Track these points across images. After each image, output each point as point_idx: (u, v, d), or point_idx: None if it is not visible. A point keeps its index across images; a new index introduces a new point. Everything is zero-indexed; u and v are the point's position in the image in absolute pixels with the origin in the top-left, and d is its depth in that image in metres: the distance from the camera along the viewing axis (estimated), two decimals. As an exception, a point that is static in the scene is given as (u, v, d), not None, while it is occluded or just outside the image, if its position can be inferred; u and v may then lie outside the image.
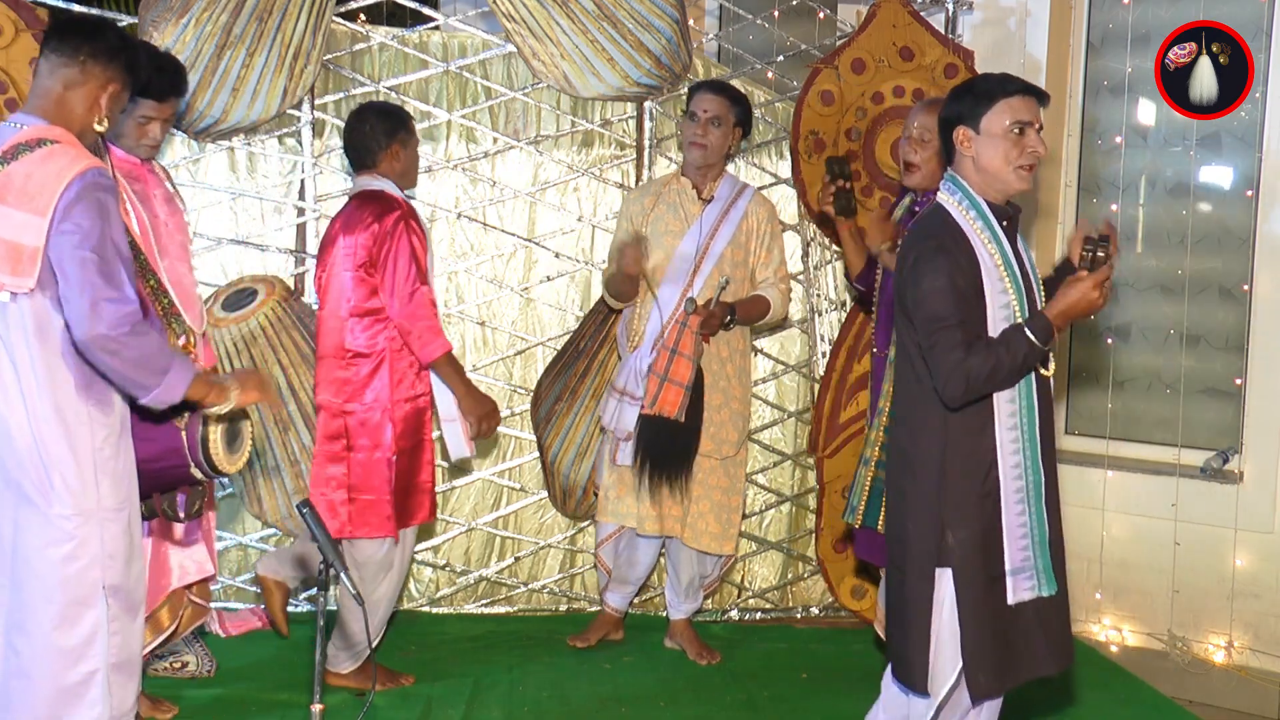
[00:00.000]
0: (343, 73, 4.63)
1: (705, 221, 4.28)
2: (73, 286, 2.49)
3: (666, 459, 4.19)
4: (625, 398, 4.23)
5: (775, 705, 4.10)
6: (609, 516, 4.33)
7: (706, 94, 4.25)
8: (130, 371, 2.53)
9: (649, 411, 4.15)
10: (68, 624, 2.61)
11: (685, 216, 4.29)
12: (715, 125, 4.23)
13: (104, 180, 2.55)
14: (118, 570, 2.65)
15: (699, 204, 4.31)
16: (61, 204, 2.50)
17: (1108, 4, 5.12)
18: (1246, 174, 4.87)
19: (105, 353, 2.49)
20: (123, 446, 2.68)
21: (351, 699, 3.91)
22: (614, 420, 4.25)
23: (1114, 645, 4.96)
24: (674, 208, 4.31)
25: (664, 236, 4.28)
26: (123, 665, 2.69)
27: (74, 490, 2.58)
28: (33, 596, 2.59)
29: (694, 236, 4.26)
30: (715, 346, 4.26)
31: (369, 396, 3.81)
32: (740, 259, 4.30)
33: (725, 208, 4.30)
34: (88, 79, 2.66)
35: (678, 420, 4.14)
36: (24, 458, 2.57)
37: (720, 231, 4.27)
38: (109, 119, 2.72)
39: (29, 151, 2.55)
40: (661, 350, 4.17)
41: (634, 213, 4.35)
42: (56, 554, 2.58)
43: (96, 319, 2.46)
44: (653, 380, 4.16)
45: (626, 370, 4.25)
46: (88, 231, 2.49)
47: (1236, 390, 4.89)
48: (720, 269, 4.24)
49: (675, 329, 4.16)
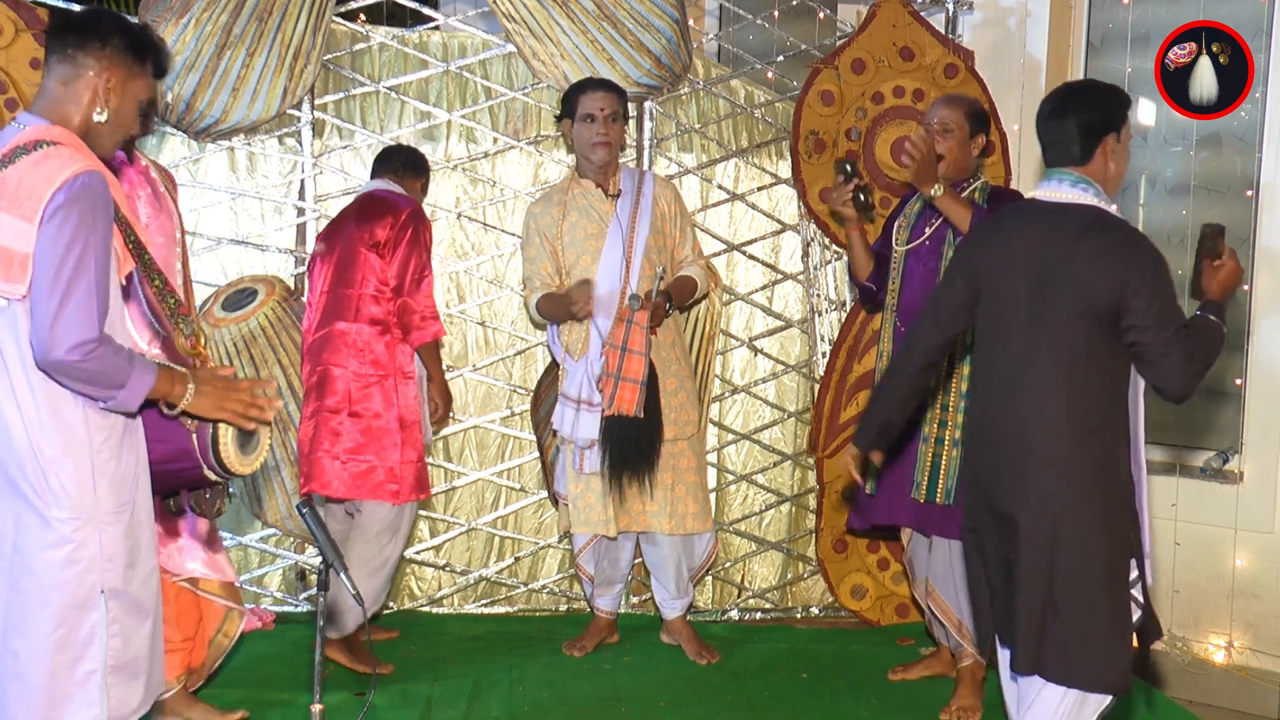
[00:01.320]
0: (343, 73, 4.63)
1: (622, 217, 4.28)
2: (36, 304, 2.48)
3: (632, 457, 4.20)
4: (583, 406, 4.22)
5: (775, 705, 4.10)
6: (583, 527, 4.33)
7: (600, 92, 4.25)
8: (83, 389, 2.55)
9: (609, 412, 4.15)
10: (65, 626, 2.60)
11: (600, 217, 4.29)
12: (613, 121, 4.25)
13: (95, 186, 2.51)
14: (117, 573, 2.64)
15: (608, 201, 4.30)
16: (47, 211, 2.48)
17: (1108, 4, 5.12)
18: (1246, 174, 4.87)
19: (58, 374, 2.52)
20: (125, 448, 2.67)
21: (351, 699, 3.91)
22: (573, 430, 4.25)
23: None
24: (585, 211, 4.29)
25: (585, 241, 4.27)
26: (124, 667, 2.68)
27: (71, 493, 2.57)
28: (30, 598, 2.58)
29: (616, 234, 4.25)
30: (658, 334, 4.27)
31: (390, 364, 4.04)
32: (661, 244, 4.31)
33: (635, 198, 4.30)
34: (81, 71, 2.63)
35: (637, 417, 4.15)
36: (23, 460, 2.56)
37: (639, 223, 4.27)
38: (118, 110, 2.66)
39: (25, 155, 2.53)
40: (611, 350, 4.16)
41: (545, 226, 4.31)
42: (54, 557, 2.57)
43: (52, 344, 2.46)
44: (607, 381, 4.15)
45: (578, 378, 4.23)
46: (66, 243, 2.47)
47: (1236, 390, 4.89)
48: (649, 259, 4.25)
49: (622, 327, 4.16)
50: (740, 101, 4.92)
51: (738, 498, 5.00)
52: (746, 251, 4.93)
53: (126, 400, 2.55)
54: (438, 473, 4.82)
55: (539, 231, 4.32)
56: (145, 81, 2.72)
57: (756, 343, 4.96)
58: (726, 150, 4.91)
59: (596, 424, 4.20)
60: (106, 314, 2.53)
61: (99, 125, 2.66)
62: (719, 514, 4.93)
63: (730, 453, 4.99)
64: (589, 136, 4.24)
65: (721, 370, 4.91)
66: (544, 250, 4.31)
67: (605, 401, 4.16)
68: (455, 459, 4.85)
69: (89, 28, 2.65)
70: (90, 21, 2.67)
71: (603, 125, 4.23)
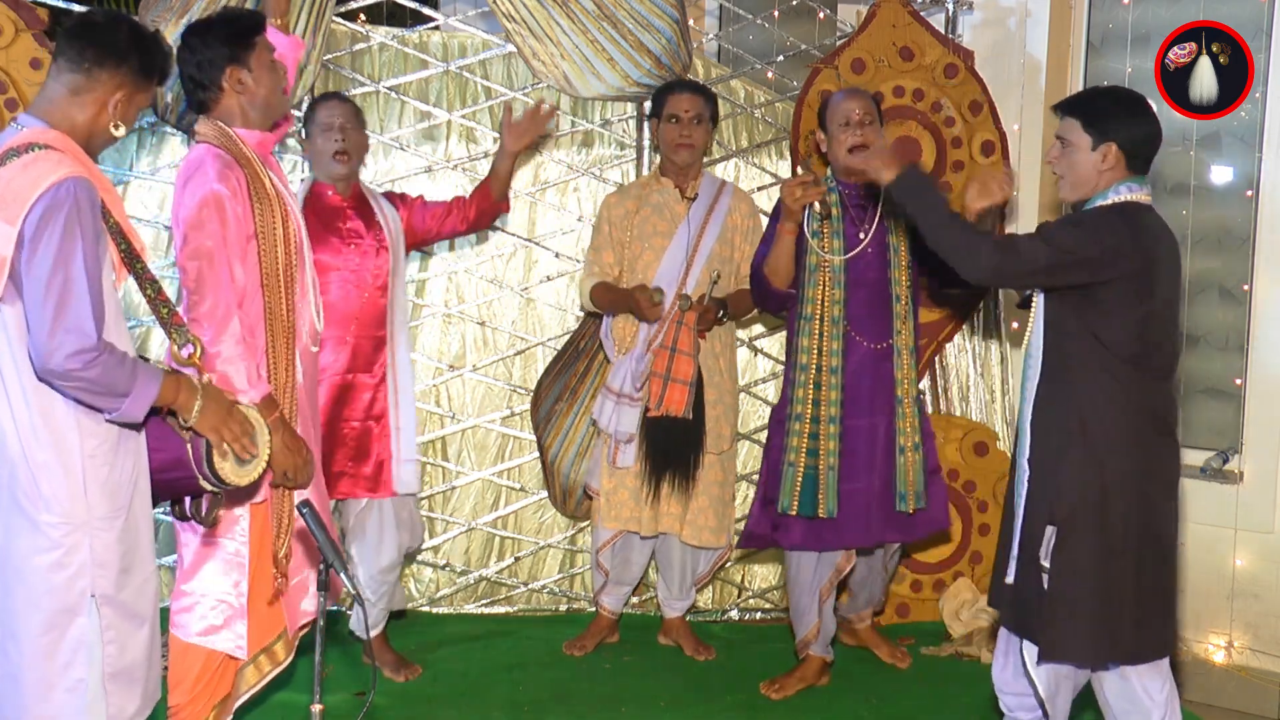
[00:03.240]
0: (343, 73, 4.63)
1: (693, 220, 4.30)
2: (30, 313, 2.46)
3: (677, 458, 4.22)
4: (623, 400, 4.23)
5: (775, 705, 4.10)
6: (612, 522, 4.34)
7: (687, 94, 4.29)
8: (87, 399, 2.53)
9: (656, 413, 4.17)
10: (55, 631, 2.58)
11: (672, 217, 4.31)
12: (697, 124, 4.27)
13: (81, 191, 2.48)
14: (109, 579, 2.62)
15: (684, 203, 4.32)
16: (30, 217, 2.45)
17: (1108, 4, 5.12)
18: (1246, 174, 4.87)
19: (60, 382, 2.49)
20: (122, 454, 2.65)
21: (351, 699, 3.92)
22: (612, 423, 4.26)
23: (1114, 645, 4.96)
24: (659, 209, 4.32)
25: (652, 238, 4.30)
26: (120, 674, 2.67)
27: (61, 498, 2.56)
28: (20, 602, 2.57)
29: (683, 236, 4.28)
30: (708, 343, 4.29)
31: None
32: (727, 255, 4.33)
33: (710, 205, 4.32)
34: (94, 85, 2.61)
35: (685, 418, 4.16)
36: (14, 464, 2.55)
37: (708, 229, 4.29)
38: (125, 121, 2.65)
39: (16, 157, 2.50)
40: (661, 350, 4.18)
41: (616, 217, 4.34)
42: (43, 561, 2.56)
43: (50, 354, 2.43)
44: (655, 381, 4.17)
45: (621, 373, 4.25)
46: (55, 249, 2.44)
47: (1236, 390, 4.88)
48: (710, 266, 4.26)
49: (673, 328, 4.17)
50: (740, 101, 4.92)
51: (738, 498, 5.00)
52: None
53: (131, 410, 2.52)
54: (437, 472, 4.82)
55: (609, 221, 4.36)
56: (150, 92, 2.72)
57: (756, 343, 4.96)
58: (726, 150, 4.91)
59: (636, 419, 4.21)
60: (104, 320, 2.50)
61: (103, 134, 2.65)
62: (719, 514, 4.92)
63: (730, 453, 4.98)
64: (673, 137, 4.27)
65: (721, 370, 4.90)
66: (610, 240, 4.33)
67: (654, 401, 4.17)
68: (455, 459, 4.85)
69: (109, 45, 2.62)
70: (110, 37, 2.63)
71: (686, 127, 4.26)
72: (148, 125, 4.49)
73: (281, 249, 3.13)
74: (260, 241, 3.10)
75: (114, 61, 2.62)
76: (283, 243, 3.13)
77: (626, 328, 4.31)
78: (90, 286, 2.47)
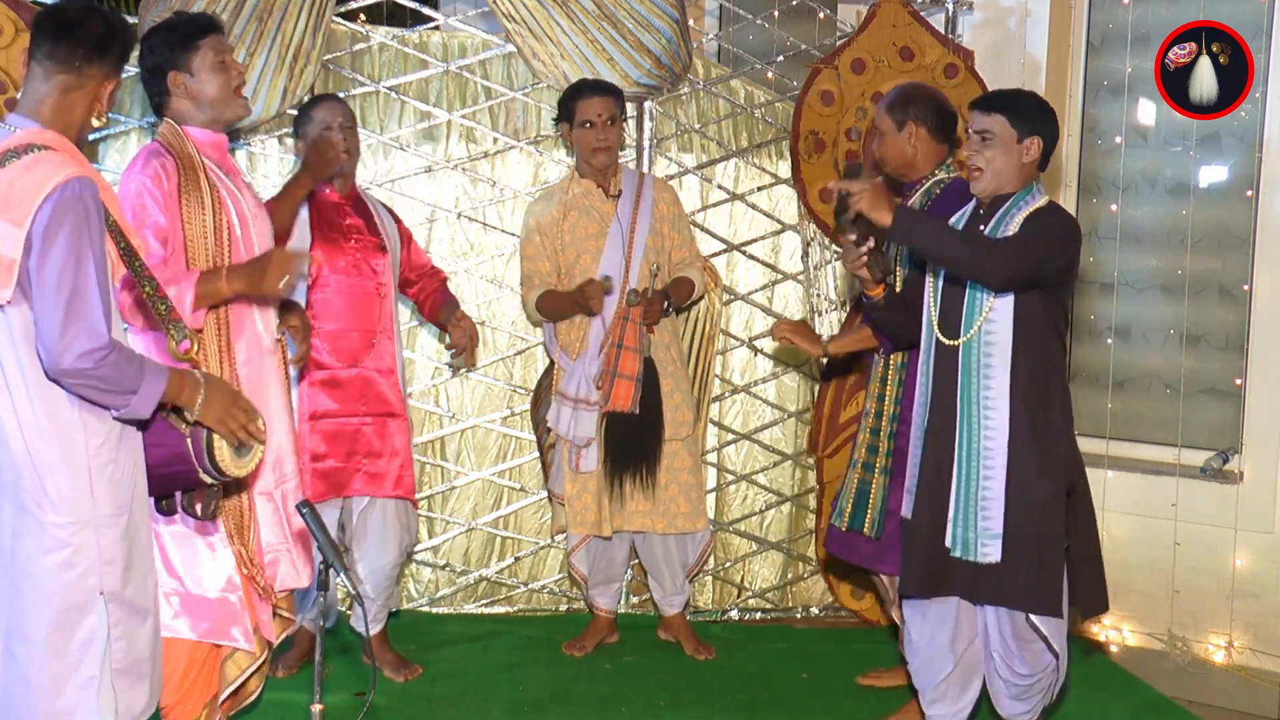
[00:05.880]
0: (343, 73, 4.63)
1: (623, 217, 4.31)
2: (40, 313, 2.47)
3: (632, 455, 4.24)
4: (580, 405, 4.24)
5: (775, 705, 4.10)
6: (579, 527, 4.34)
7: (597, 97, 4.27)
8: (97, 396, 2.53)
9: (605, 408, 4.20)
10: (64, 630, 2.59)
11: (601, 217, 4.31)
12: (611, 125, 4.27)
13: (86, 191, 2.50)
14: (116, 576, 2.63)
15: (609, 201, 4.33)
16: (38, 218, 2.46)
17: (1108, 4, 5.12)
18: (1246, 174, 4.87)
19: (71, 381, 2.50)
20: (123, 451, 2.65)
21: (351, 699, 3.92)
22: (570, 429, 4.26)
23: (1114, 645, 4.96)
24: (586, 211, 4.32)
25: (585, 241, 4.29)
26: (129, 670, 2.67)
27: (68, 498, 2.56)
28: (29, 602, 2.57)
29: (617, 234, 4.29)
30: (656, 335, 4.30)
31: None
32: (659, 245, 4.35)
33: (635, 199, 4.33)
34: (86, 81, 2.63)
35: (633, 413, 4.18)
36: (19, 464, 2.55)
37: (639, 224, 4.30)
38: (104, 112, 2.69)
39: (15, 159, 2.51)
40: (610, 348, 4.20)
41: (545, 225, 4.32)
42: (52, 561, 2.56)
43: (61, 353, 2.44)
44: (604, 379, 4.20)
45: (576, 378, 4.25)
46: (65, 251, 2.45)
47: (1236, 390, 4.88)
48: (648, 260, 4.28)
49: (619, 324, 4.20)
50: (740, 101, 4.92)
51: (738, 498, 5.00)
52: (746, 251, 4.93)
53: (139, 406, 2.53)
54: (437, 472, 4.82)
55: (539, 230, 4.33)
56: (119, 79, 2.74)
57: (756, 343, 4.96)
58: (726, 150, 4.91)
59: (594, 423, 4.22)
60: (112, 319, 2.52)
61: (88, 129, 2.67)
62: (719, 514, 4.93)
63: (730, 453, 4.99)
64: (589, 142, 4.27)
65: (721, 370, 4.91)
66: (543, 249, 4.32)
67: (602, 399, 4.18)
68: (455, 459, 4.85)
69: (95, 41, 2.63)
70: (92, 32, 2.64)
71: (601, 130, 4.26)
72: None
73: (211, 239, 3.11)
74: (185, 228, 3.10)
75: (99, 56, 2.64)
76: (211, 234, 3.12)
77: (573, 333, 4.31)
78: (99, 286, 2.49)
